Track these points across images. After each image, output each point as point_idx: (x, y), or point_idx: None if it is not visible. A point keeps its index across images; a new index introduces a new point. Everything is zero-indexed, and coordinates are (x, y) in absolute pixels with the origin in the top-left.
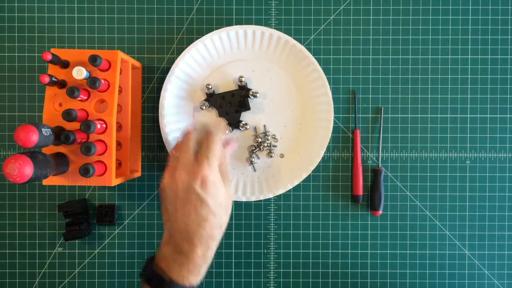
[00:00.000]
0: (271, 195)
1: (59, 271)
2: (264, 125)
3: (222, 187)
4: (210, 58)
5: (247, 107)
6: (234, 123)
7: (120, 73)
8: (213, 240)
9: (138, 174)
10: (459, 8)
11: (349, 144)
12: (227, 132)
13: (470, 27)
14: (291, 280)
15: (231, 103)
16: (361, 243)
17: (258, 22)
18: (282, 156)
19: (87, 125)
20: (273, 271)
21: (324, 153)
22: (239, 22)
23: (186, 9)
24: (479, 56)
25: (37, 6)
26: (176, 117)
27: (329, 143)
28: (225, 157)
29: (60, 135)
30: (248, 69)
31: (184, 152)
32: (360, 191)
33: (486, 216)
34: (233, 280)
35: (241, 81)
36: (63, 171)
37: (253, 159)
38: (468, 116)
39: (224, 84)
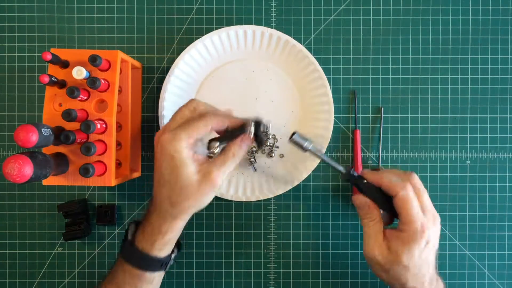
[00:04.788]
0: (271, 195)
1: (59, 271)
2: (265, 125)
3: (182, 167)
4: (210, 58)
5: None
6: None
7: (120, 73)
8: (164, 210)
9: (138, 174)
10: (459, 8)
11: (349, 144)
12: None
13: (470, 27)
14: (291, 280)
15: None
16: (361, 243)
17: (258, 22)
18: (282, 156)
19: (87, 125)
20: (273, 271)
21: (324, 153)
22: (239, 22)
23: (186, 9)
24: (479, 56)
25: (37, 6)
26: None
27: (329, 143)
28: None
29: (60, 135)
30: (248, 69)
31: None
32: None
33: (486, 216)
34: (233, 280)
35: None
36: (63, 171)
37: (252, 160)
38: (468, 116)
39: None
